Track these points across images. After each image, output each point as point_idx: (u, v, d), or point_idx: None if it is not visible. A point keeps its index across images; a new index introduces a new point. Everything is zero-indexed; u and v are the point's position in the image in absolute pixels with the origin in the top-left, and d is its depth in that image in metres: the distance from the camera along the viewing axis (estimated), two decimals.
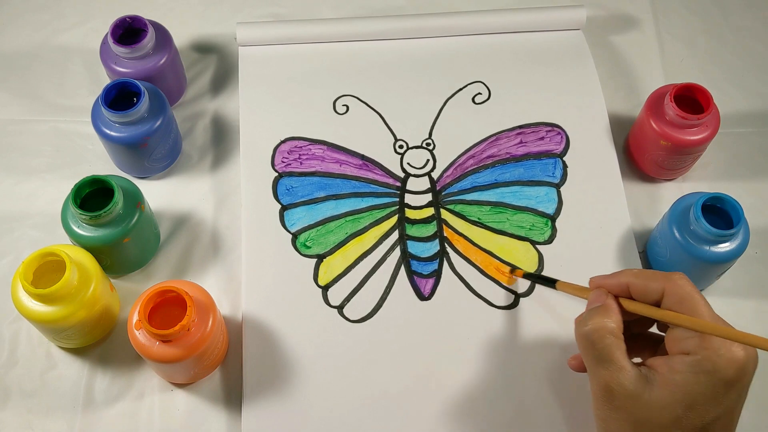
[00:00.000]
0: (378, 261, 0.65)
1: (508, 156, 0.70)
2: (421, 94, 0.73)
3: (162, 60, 0.69)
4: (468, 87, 0.73)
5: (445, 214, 0.67)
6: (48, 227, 0.67)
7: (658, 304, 0.50)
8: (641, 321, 0.53)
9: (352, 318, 0.63)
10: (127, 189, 0.61)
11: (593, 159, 0.70)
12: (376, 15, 0.78)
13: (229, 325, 0.63)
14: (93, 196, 0.60)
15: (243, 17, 0.79)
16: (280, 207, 0.67)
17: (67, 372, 0.61)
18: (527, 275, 0.64)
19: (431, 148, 0.70)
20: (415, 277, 0.65)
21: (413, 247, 0.66)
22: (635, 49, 0.78)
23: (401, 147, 0.70)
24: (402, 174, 0.69)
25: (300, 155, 0.70)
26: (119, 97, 0.65)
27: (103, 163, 0.70)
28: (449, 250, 0.66)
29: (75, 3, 0.79)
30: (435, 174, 0.69)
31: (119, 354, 0.62)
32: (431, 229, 0.67)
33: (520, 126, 0.71)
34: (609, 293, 0.52)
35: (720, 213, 0.61)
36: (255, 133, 0.70)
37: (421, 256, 0.66)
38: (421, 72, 0.74)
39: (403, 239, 0.66)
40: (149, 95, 0.64)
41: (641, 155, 0.69)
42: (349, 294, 0.64)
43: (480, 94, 0.73)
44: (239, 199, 0.68)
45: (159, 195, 0.68)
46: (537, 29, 0.76)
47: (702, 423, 0.47)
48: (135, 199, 0.61)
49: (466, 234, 0.67)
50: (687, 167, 0.69)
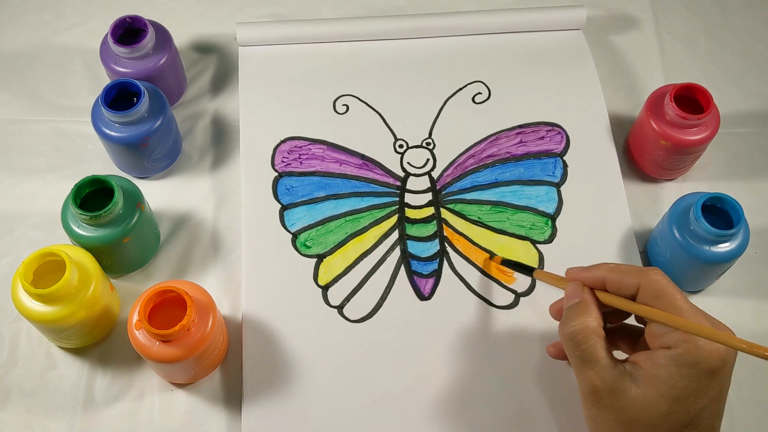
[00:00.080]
0: (378, 261, 0.65)
1: (508, 155, 0.70)
2: (421, 93, 0.73)
3: (162, 60, 0.69)
4: (468, 87, 0.73)
5: (445, 213, 0.67)
6: (48, 227, 0.67)
7: (633, 298, 0.50)
8: (618, 313, 0.54)
9: (352, 318, 0.63)
10: (127, 189, 0.61)
11: (593, 159, 0.70)
12: (376, 15, 0.78)
13: (229, 325, 0.63)
14: (93, 196, 0.60)
15: (243, 17, 0.79)
16: (280, 207, 0.67)
17: (67, 372, 0.61)
18: (505, 262, 0.64)
19: (431, 147, 0.70)
20: (415, 277, 0.65)
21: (413, 247, 0.66)
22: (635, 49, 0.78)
23: (401, 146, 0.70)
24: (402, 173, 0.69)
25: (300, 155, 0.70)
26: (119, 97, 0.65)
27: (103, 163, 0.70)
28: (449, 249, 0.66)
29: (75, 3, 0.79)
30: (435, 173, 0.69)
31: (119, 354, 0.62)
32: (431, 229, 0.67)
33: (520, 126, 0.71)
34: (585, 287, 0.52)
35: (720, 213, 0.61)
36: (255, 133, 0.70)
37: (421, 255, 0.66)
38: (421, 72, 0.74)
39: (403, 239, 0.66)
40: (149, 95, 0.64)
41: (641, 155, 0.69)
42: (349, 294, 0.64)
43: (480, 93, 0.73)
44: (239, 199, 0.68)
45: (159, 195, 0.68)
46: (537, 29, 0.76)
47: (689, 415, 0.47)
48: (135, 199, 0.61)
49: (466, 233, 0.67)
50: (687, 167, 0.69)
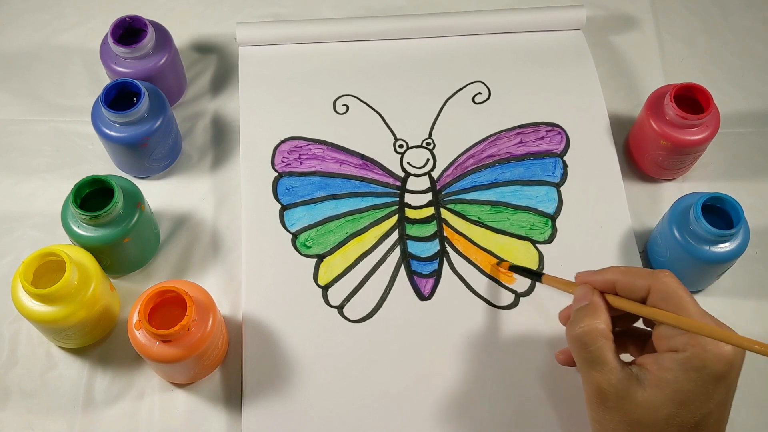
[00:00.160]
0: (378, 261, 0.65)
1: (508, 155, 0.70)
2: (421, 94, 0.73)
3: (162, 60, 0.69)
4: (468, 87, 0.73)
5: (445, 213, 0.67)
6: (48, 227, 0.67)
7: (644, 301, 0.50)
8: (627, 317, 0.53)
9: (352, 318, 0.63)
10: (127, 189, 0.61)
11: (593, 159, 0.70)
12: (376, 15, 0.78)
13: (229, 325, 0.63)
14: (93, 196, 0.60)
15: (243, 17, 0.79)
16: (280, 207, 0.67)
17: (67, 372, 0.61)
18: (513, 267, 0.64)
19: (431, 147, 0.70)
20: (415, 277, 0.65)
21: (413, 247, 0.66)
22: (635, 49, 0.78)
23: (401, 146, 0.70)
24: (402, 173, 0.69)
25: (300, 155, 0.70)
26: (119, 97, 0.65)
27: (103, 163, 0.70)
28: (449, 249, 0.66)
29: (75, 3, 0.79)
30: (435, 173, 0.69)
31: (119, 354, 0.62)
32: (431, 229, 0.67)
33: (520, 126, 0.71)
34: (595, 290, 0.52)
35: (720, 213, 0.61)
36: (255, 133, 0.70)
37: (421, 255, 0.66)
38: (421, 72, 0.74)
39: (403, 239, 0.66)
40: (149, 95, 0.64)
41: (641, 155, 0.69)
42: (349, 294, 0.64)
43: (480, 93, 0.73)
44: (239, 199, 0.68)
45: (159, 195, 0.68)
46: (537, 29, 0.76)
47: (695, 419, 0.47)
48: (135, 199, 0.61)
49: (466, 233, 0.67)
50: (687, 167, 0.69)
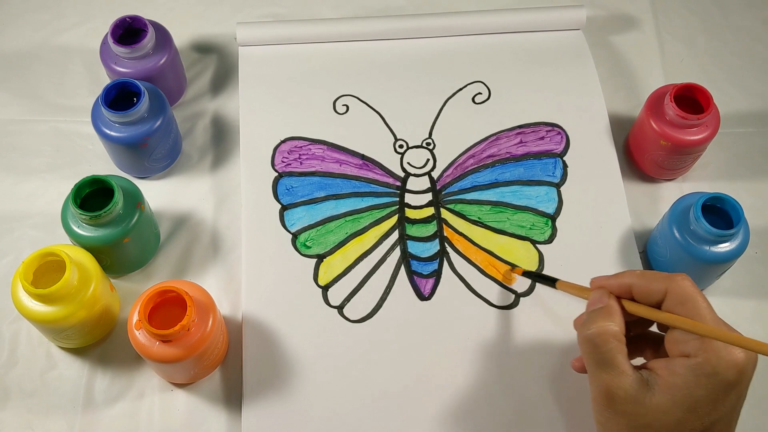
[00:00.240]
0: (378, 261, 0.65)
1: (508, 156, 0.70)
2: (421, 94, 0.73)
3: (162, 60, 0.69)
4: (468, 87, 0.73)
5: (445, 213, 0.67)
6: (48, 227, 0.67)
7: (659, 304, 0.50)
8: (641, 321, 0.53)
9: (352, 318, 0.63)
10: (127, 189, 0.61)
11: (593, 159, 0.70)
12: (376, 15, 0.78)
13: (229, 325, 0.63)
14: (93, 196, 0.60)
15: (243, 17, 0.79)
16: (280, 207, 0.67)
17: (67, 372, 0.61)
18: (527, 273, 0.64)
19: (431, 147, 0.70)
20: (415, 277, 0.65)
21: (413, 247, 0.66)
22: (635, 49, 0.78)
23: (401, 147, 0.70)
24: (402, 174, 0.69)
25: (300, 155, 0.70)
26: (119, 97, 0.65)
27: (103, 163, 0.70)
28: (449, 249, 0.66)
29: (75, 3, 0.79)
30: (435, 173, 0.69)
31: (119, 354, 0.62)
32: (431, 229, 0.67)
33: (520, 126, 0.71)
34: (611, 294, 0.51)
35: (720, 213, 0.61)
36: (255, 133, 0.70)
37: (421, 256, 0.66)
38: (421, 72, 0.74)
39: (403, 239, 0.66)
40: (149, 95, 0.64)
41: (641, 155, 0.69)
42: (349, 294, 0.64)
43: (480, 93, 0.73)
44: (239, 199, 0.68)
45: (159, 195, 0.68)
46: (537, 29, 0.76)
47: (703, 426, 0.47)
48: (135, 199, 0.61)
49: (466, 233, 0.67)
50: (687, 167, 0.69)
